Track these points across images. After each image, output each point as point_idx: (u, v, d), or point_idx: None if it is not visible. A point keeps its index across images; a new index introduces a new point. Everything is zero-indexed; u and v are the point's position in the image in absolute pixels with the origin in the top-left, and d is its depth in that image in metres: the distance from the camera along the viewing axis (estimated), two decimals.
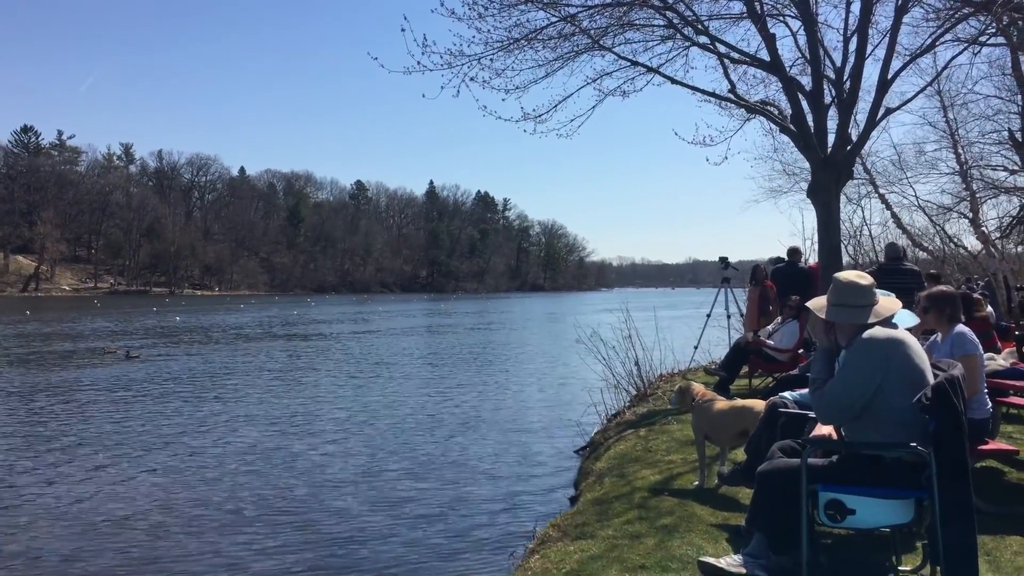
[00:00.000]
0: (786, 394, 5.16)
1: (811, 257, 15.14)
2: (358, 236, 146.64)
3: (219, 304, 76.53)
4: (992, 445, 5.32)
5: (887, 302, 4.12)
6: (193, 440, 11.09)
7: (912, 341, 3.96)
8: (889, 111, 11.52)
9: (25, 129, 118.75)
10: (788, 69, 11.15)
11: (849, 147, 11.00)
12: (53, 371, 19.35)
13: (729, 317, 14.39)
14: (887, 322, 4.03)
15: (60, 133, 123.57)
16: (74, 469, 9.37)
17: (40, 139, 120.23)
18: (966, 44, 11.55)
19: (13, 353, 24.10)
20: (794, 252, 13.65)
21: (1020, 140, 17.47)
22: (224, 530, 7.15)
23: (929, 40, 10.84)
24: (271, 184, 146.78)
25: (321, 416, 13.14)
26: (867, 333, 3.92)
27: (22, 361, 21.72)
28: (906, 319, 4.48)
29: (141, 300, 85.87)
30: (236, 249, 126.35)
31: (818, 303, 4.30)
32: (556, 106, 11.07)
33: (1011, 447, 5.75)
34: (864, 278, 4.14)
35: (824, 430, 4.23)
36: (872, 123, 10.98)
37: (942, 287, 5.91)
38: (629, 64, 10.97)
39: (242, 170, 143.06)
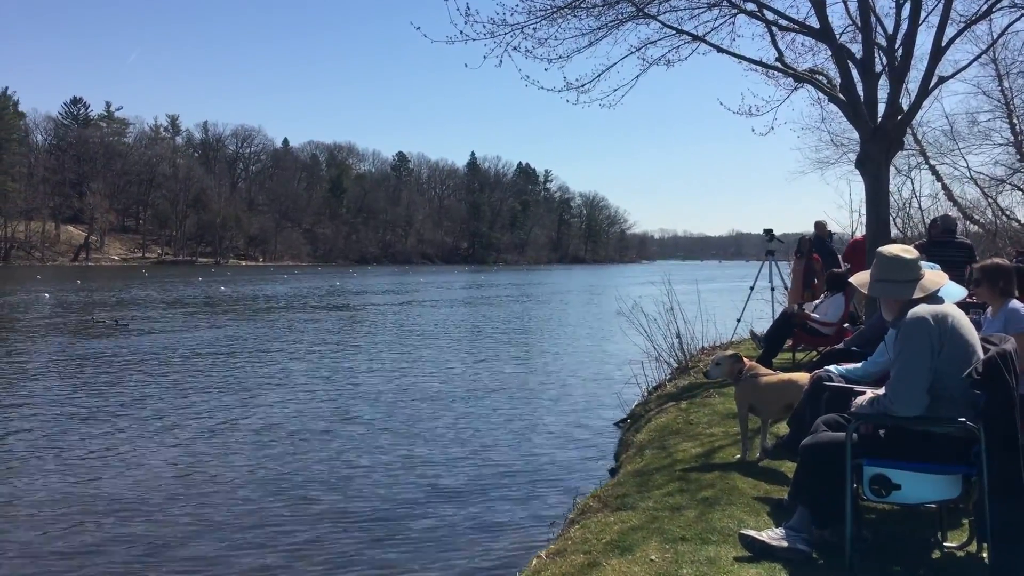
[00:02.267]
0: (831, 368, 5.07)
1: (858, 229, 14.89)
2: (400, 207, 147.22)
3: (263, 274, 77.63)
4: None
5: (933, 276, 4.02)
6: (227, 412, 11.28)
7: (959, 314, 3.87)
8: (942, 80, 11.17)
9: (75, 101, 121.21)
10: (838, 36, 10.87)
11: (900, 117, 10.71)
12: (53, 341, 19.80)
13: (773, 290, 14.23)
14: (933, 296, 3.94)
15: (108, 105, 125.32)
16: (75, 445, 9.06)
17: (89, 111, 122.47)
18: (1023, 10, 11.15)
19: (35, 323, 24.71)
20: (818, 226, 13.49)
21: None
22: (262, 501, 7.29)
23: (985, 6, 10.47)
24: (314, 155, 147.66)
25: (360, 386, 13.30)
26: (911, 313, 3.83)
27: (39, 330, 22.25)
28: (954, 292, 4.37)
29: (187, 270, 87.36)
30: (280, 220, 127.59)
31: (862, 278, 4.21)
32: (599, 76, 10.96)
33: None
34: (909, 252, 4.04)
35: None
36: (924, 92, 10.68)
37: (996, 259, 5.74)
38: (674, 32, 10.77)
39: (285, 141, 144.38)
